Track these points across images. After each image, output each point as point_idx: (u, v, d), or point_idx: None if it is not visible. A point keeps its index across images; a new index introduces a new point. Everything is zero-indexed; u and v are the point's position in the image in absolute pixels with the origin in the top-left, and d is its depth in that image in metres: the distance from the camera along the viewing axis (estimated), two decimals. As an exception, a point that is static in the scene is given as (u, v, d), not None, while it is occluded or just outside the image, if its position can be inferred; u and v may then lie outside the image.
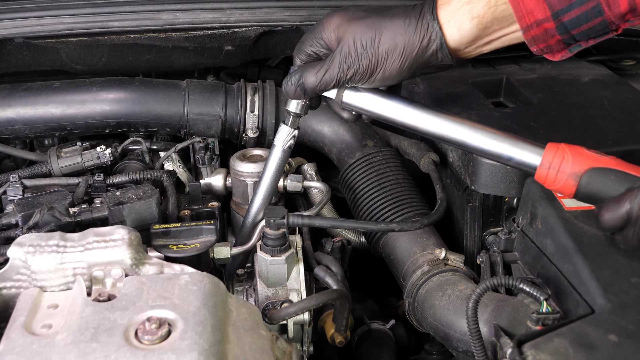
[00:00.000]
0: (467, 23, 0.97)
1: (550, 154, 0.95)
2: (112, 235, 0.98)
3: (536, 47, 0.99)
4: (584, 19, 0.94)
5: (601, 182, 0.90)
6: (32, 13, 1.39)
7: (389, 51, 1.00)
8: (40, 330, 0.87)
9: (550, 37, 0.97)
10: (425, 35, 0.99)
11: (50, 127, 1.39)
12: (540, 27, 0.95)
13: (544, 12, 0.94)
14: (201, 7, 1.43)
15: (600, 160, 0.91)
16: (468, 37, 0.99)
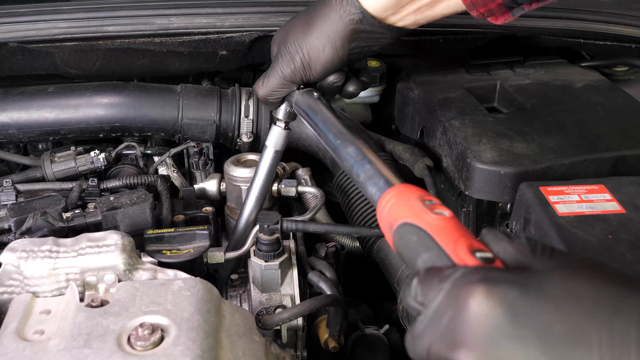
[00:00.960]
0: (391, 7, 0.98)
1: (384, 197, 0.75)
2: (105, 240, 0.98)
3: (476, 11, 0.96)
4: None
5: (405, 241, 0.68)
6: (26, 17, 1.39)
7: (316, 37, 1.01)
8: (32, 336, 0.87)
9: (490, 1, 0.94)
10: (343, 9, 0.99)
11: (44, 132, 1.39)
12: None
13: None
14: (196, 12, 1.43)
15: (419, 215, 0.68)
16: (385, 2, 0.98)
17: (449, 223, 0.66)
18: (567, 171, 1.15)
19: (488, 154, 1.17)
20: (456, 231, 0.65)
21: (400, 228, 0.68)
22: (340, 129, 0.95)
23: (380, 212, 0.73)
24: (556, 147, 1.18)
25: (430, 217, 0.66)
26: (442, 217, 0.66)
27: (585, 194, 1.07)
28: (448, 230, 0.65)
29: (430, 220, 0.66)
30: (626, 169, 1.16)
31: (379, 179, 0.79)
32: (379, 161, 0.83)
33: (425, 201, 0.69)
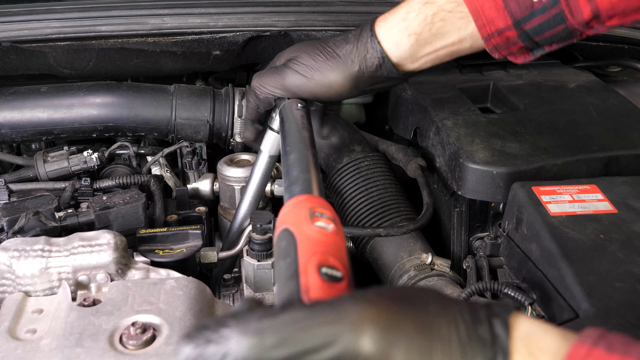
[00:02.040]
0: (405, 40, 1.00)
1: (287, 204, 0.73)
2: (98, 240, 0.98)
3: (498, 54, 0.99)
4: (547, 27, 0.93)
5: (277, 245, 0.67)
6: (19, 17, 1.39)
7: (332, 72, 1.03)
8: (24, 336, 0.87)
9: (513, 45, 0.97)
10: (366, 52, 1.02)
11: (37, 132, 1.38)
12: (501, 36, 0.95)
13: (505, 20, 0.93)
14: (189, 12, 1.43)
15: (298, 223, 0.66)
16: (407, 52, 1.01)
17: (322, 237, 0.65)
18: (560, 171, 1.15)
19: (481, 154, 1.17)
20: (323, 246, 0.64)
21: (281, 233, 0.67)
22: (296, 138, 0.95)
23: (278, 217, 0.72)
24: (549, 147, 1.19)
25: (307, 227, 0.65)
26: (319, 230, 0.65)
27: (578, 194, 1.07)
28: (315, 242, 0.64)
29: (304, 229, 0.65)
30: (618, 169, 1.17)
31: (296, 187, 0.78)
32: (314, 173, 0.82)
33: (315, 212, 0.67)
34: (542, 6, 0.91)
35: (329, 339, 0.52)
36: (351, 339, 0.52)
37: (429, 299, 0.58)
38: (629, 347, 0.54)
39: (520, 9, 0.92)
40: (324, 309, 0.54)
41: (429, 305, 0.57)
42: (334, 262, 0.62)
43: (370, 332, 0.53)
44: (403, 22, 1.00)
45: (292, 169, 0.84)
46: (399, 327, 0.54)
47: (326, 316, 0.53)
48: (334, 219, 0.68)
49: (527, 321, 0.58)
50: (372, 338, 0.53)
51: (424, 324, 0.55)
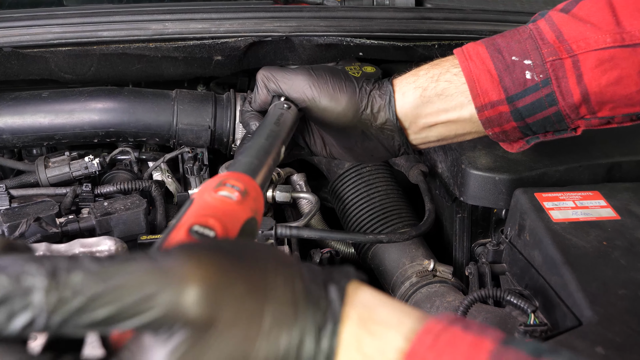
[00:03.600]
0: (411, 91, 0.99)
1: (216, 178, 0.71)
2: (99, 246, 0.98)
3: (491, 130, 0.98)
4: (539, 107, 0.93)
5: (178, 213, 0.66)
6: (20, 22, 1.38)
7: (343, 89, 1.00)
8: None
9: (506, 122, 0.96)
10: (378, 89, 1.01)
11: (38, 137, 1.38)
12: (494, 110, 0.95)
13: (499, 94, 0.94)
14: (191, 17, 1.43)
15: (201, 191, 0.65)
16: (411, 104, 0.99)
17: (217, 203, 0.63)
18: (562, 177, 1.15)
19: (483, 160, 1.16)
20: (211, 210, 0.62)
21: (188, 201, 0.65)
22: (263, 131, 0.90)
23: None
24: (551, 154, 1.18)
25: (207, 194, 0.64)
26: (219, 198, 0.64)
27: (580, 200, 1.07)
28: (205, 207, 0.62)
29: (204, 196, 0.63)
30: (621, 175, 1.17)
31: (232, 167, 0.76)
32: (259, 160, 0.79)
33: (226, 183, 0.66)
34: (535, 84, 0.92)
35: (147, 295, 0.46)
36: (172, 297, 0.46)
37: (268, 257, 0.54)
38: (485, 329, 0.53)
39: (514, 85, 0.93)
40: (148, 261, 0.48)
41: (267, 263, 0.53)
42: (213, 224, 0.59)
43: (194, 290, 0.47)
44: (413, 76, 1.00)
45: (240, 154, 0.82)
46: (230, 286, 0.49)
47: (149, 270, 0.47)
48: (244, 191, 0.66)
49: (367, 292, 0.56)
50: (196, 297, 0.47)
51: (258, 284, 0.51)
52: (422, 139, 1.03)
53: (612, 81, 0.91)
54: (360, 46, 1.47)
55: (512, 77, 0.93)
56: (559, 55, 0.92)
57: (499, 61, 0.94)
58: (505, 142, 1.02)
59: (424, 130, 1.02)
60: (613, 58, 0.91)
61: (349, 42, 1.46)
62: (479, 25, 1.51)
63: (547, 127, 0.97)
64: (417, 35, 1.49)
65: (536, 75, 0.92)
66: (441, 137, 1.03)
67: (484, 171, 1.15)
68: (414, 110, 1.00)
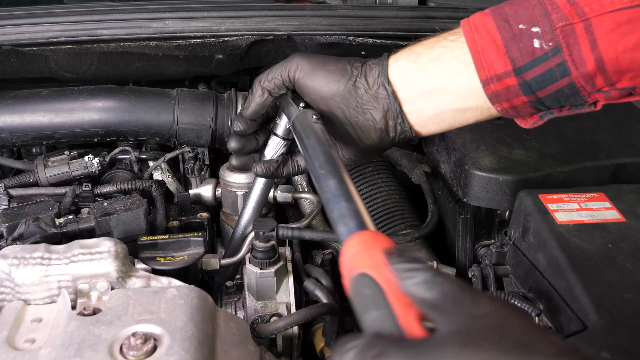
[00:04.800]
0: (404, 58, 0.95)
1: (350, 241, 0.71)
2: (98, 247, 0.97)
3: (500, 106, 0.90)
4: (549, 78, 0.85)
5: (360, 293, 0.64)
6: (20, 20, 1.37)
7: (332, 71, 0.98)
8: (23, 345, 0.85)
9: (514, 96, 0.88)
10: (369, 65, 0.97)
11: (37, 136, 1.37)
12: (501, 83, 0.87)
13: (505, 65, 0.86)
14: (192, 15, 1.42)
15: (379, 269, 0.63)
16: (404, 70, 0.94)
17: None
18: (567, 179, 1.14)
19: (486, 161, 1.15)
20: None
21: (357, 278, 0.64)
22: (327, 159, 0.88)
23: (344, 255, 0.68)
24: (555, 155, 1.17)
25: (391, 273, 0.62)
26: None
27: (585, 202, 1.06)
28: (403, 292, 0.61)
29: (390, 277, 0.62)
30: (626, 177, 1.16)
31: (350, 220, 0.74)
32: (359, 201, 0.79)
33: (389, 254, 0.64)
34: (544, 53, 0.84)
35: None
36: None
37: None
38: None
39: (522, 55, 0.85)
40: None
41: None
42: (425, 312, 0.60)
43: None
44: (409, 48, 0.96)
45: (336, 197, 0.79)
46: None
47: None
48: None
49: None
50: None
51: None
52: (418, 112, 0.95)
53: (631, 46, 0.81)
54: (363, 45, 1.46)
55: (519, 46, 0.85)
56: (569, 20, 0.82)
57: (506, 30, 0.86)
58: (516, 117, 0.94)
59: (418, 100, 0.94)
60: (631, 20, 0.80)
61: (351, 41, 1.45)
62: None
63: (562, 102, 0.88)
64: (420, 34, 1.47)
65: (545, 43, 0.83)
66: (438, 111, 0.94)
67: (487, 172, 1.14)
68: (407, 75, 0.94)
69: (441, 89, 0.92)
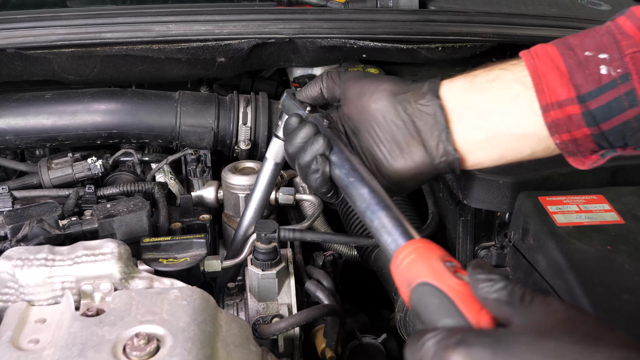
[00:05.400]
0: (459, 78, 0.89)
1: (403, 250, 0.72)
2: (102, 248, 0.97)
3: (559, 138, 0.82)
4: (616, 108, 0.78)
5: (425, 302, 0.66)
6: (24, 24, 1.38)
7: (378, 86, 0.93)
8: (27, 346, 0.86)
9: (576, 127, 0.80)
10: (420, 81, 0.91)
11: (41, 138, 1.38)
12: (563, 110, 0.80)
13: (568, 92, 0.79)
14: (194, 19, 1.43)
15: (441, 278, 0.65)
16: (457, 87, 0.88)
17: (469, 291, 0.64)
18: (566, 181, 1.14)
19: (487, 163, 1.16)
20: (477, 301, 0.63)
21: (420, 287, 0.66)
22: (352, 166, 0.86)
23: (397, 265, 0.70)
24: (555, 157, 1.17)
25: (453, 282, 0.65)
26: (463, 283, 0.64)
27: (584, 204, 1.07)
28: (471, 299, 0.63)
29: (453, 285, 0.64)
30: (625, 179, 1.16)
31: (394, 229, 0.76)
32: (395, 208, 0.79)
33: (446, 262, 0.67)
34: (611, 80, 0.77)
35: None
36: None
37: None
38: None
39: (587, 81, 0.78)
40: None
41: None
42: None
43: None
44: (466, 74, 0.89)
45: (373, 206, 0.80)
46: None
47: None
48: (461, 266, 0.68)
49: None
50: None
51: None
52: (467, 133, 0.87)
53: None
54: (364, 48, 1.47)
55: (584, 72, 0.78)
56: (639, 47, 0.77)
57: (570, 57, 0.80)
58: (575, 155, 0.86)
59: (470, 120, 0.86)
60: None
61: (352, 44, 1.46)
62: (482, 28, 1.50)
63: (627, 137, 0.80)
64: (421, 37, 1.49)
65: (613, 70, 0.77)
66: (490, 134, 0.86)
67: (487, 174, 1.14)
68: (461, 94, 0.87)
69: (497, 110, 0.85)
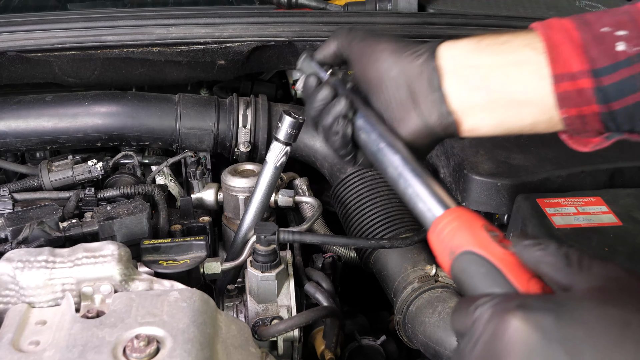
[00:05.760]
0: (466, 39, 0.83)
1: (443, 219, 0.71)
2: (102, 251, 0.98)
3: (566, 112, 0.78)
4: (630, 87, 0.75)
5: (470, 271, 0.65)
6: (25, 27, 1.39)
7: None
8: (27, 347, 0.86)
9: (586, 103, 0.76)
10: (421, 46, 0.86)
11: (41, 141, 1.39)
12: (574, 83, 0.76)
13: (582, 63, 0.75)
14: (194, 22, 1.43)
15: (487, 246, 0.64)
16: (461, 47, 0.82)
17: (516, 260, 0.63)
18: (564, 183, 1.14)
19: (485, 166, 1.16)
20: (525, 270, 0.62)
21: (464, 256, 0.65)
22: (381, 131, 0.82)
23: (438, 234, 0.69)
24: (553, 159, 1.18)
25: (499, 251, 0.63)
26: (509, 252, 0.63)
27: (582, 206, 1.07)
28: (519, 268, 0.62)
29: (500, 254, 0.63)
30: (623, 181, 1.16)
31: (430, 198, 0.74)
32: (429, 176, 0.77)
33: (490, 231, 0.65)
34: (627, 58, 0.74)
35: None
36: None
37: None
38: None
39: (602, 56, 0.75)
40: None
41: None
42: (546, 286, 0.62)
43: None
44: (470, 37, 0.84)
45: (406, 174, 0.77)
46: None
47: None
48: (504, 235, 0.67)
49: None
50: None
51: None
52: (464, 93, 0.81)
53: None
54: (363, 51, 1.47)
55: (600, 47, 0.75)
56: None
57: (586, 32, 0.76)
58: (579, 135, 0.83)
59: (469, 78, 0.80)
60: None
61: (351, 47, 1.46)
62: (481, 31, 1.51)
63: (636, 120, 0.78)
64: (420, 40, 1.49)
65: (631, 47, 0.74)
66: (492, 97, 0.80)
67: (486, 176, 1.14)
68: (463, 53, 0.81)
69: (501, 73, 0.79)
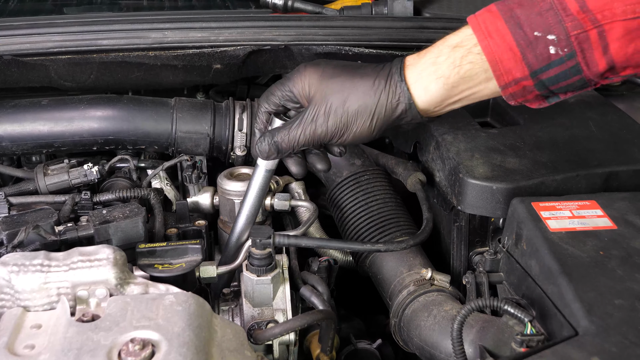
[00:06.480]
0: (433, 84, 0.98)
1: None
2: (97, 254, 0.98)
3: (514, 101, 0.99)
4: (563, 77, 0.94)
5: None
6: (21, 31, 1.39)
7: (359, 112, 1.01)
8: (22, 351, 0.86)
9: (529, 93, 0.97)
10: (394, 96, 1.00)
11: (37, 145, 1.39)
12: (518, 85, 0.96)
13: (522, 71, 0.94)
14: (190, 26, 1.44)
15: None
16: (435, 97, 0.99)
17: None
18: (559, 187, 1.15)
19: (480, 169, 1.17)
20: None
21: None
22: None
23: None
24: (548, 163, 1.19)
25: None
26: None
27: (577, 210, 1.07)
28: None
29: None
30: (618, 185, 1.17)
31: None
32: None
33: None
34: (559, 58, 0.92)
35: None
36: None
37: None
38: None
39: (538, 60, 0.93)
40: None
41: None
42: None
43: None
44: (432, 66, 0.98)
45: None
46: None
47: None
48: None
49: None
50: None
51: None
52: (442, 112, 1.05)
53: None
54: (359, 55, 1.47)
55: (535, 52, 0.92)
56: (584, 28, 0.90)
57: (521, 38, 0.93)
58: (526, 103, 1.01)
59: (447, 108, 1.03)
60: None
61: (347, 51, 1.46)
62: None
63: (569, 90, 0.97)
64: (416, 44, 1.50)
65: (560, 49, 0.91)
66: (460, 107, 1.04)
67: (481, 180, 1.15)
68: (440, 100, 1.00)
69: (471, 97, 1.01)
